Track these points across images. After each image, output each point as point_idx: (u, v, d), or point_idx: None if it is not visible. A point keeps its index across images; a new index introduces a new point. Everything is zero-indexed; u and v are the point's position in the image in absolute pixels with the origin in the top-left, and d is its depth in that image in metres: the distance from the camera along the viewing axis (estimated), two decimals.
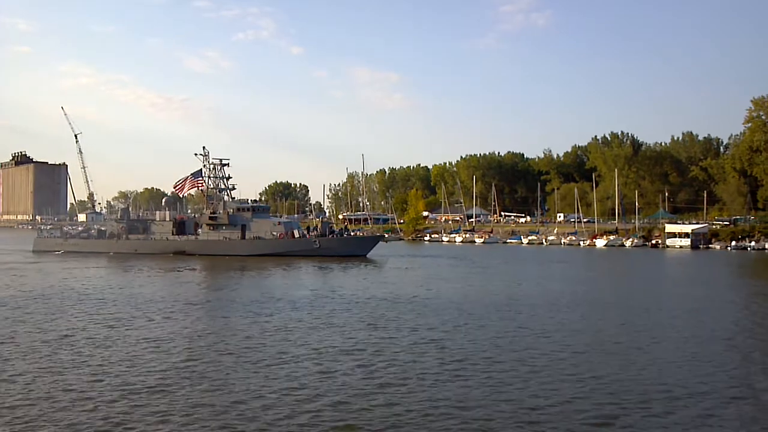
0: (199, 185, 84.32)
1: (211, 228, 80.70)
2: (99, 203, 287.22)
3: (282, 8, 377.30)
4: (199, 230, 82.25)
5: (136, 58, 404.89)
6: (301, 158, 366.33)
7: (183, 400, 16.36)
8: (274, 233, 78.73)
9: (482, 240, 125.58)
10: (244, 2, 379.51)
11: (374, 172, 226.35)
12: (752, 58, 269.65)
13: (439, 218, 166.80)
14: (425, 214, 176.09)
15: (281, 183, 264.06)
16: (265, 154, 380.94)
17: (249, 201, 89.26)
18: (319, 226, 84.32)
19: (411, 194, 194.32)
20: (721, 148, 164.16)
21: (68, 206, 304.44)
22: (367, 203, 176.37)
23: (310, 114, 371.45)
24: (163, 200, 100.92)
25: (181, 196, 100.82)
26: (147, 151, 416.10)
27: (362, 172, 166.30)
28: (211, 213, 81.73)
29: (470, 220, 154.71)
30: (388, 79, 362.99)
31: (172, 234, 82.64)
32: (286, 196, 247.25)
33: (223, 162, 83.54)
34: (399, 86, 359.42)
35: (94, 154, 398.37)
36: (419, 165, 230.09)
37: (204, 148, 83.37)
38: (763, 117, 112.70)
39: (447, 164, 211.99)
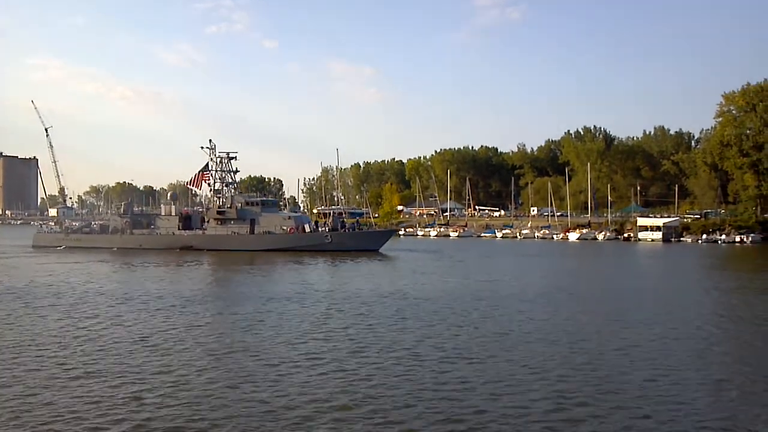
0: (206, 179, 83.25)
1: (219, 222, 79.58)
2: (70, 198, 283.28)
3: (256, 1, 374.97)
4: (206, 225, 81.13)
5: (108, 51, 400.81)
6: (276, 153, 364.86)
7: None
8: (284, 228, 77.79)
9: (457, 234, 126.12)
10: None
11: (349, 167, 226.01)
12: (723, 53, 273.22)
13: (413, 212, 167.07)
14: (400, 208, 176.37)
15: (255, 177, 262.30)
16: (239, 148, 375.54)
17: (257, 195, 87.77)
18: (331, 220, 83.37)
19: (386, 188, 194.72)
20: (693, 142, 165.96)
21: (39, 201, 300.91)
22: (342, 197, 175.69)
23: (284, 108, 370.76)
24: (168, 194, 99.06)
25: (198, 191, 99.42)
26: (119, 145, 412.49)
27: (337, 166, 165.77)
28: (218, 207, 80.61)
29: (445, 214, 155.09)
30: (362, 72, 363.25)
31: (178, 229, 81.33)
32: (260, 190, 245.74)
33: (231, 155, 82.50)
34: (373, 80, 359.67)
35: (65, 148, 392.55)
36: (394, 159, 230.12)
37: (210, 141, 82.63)
38: (734, 112, 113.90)
39: (421, 158, 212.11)
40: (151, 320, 27.20)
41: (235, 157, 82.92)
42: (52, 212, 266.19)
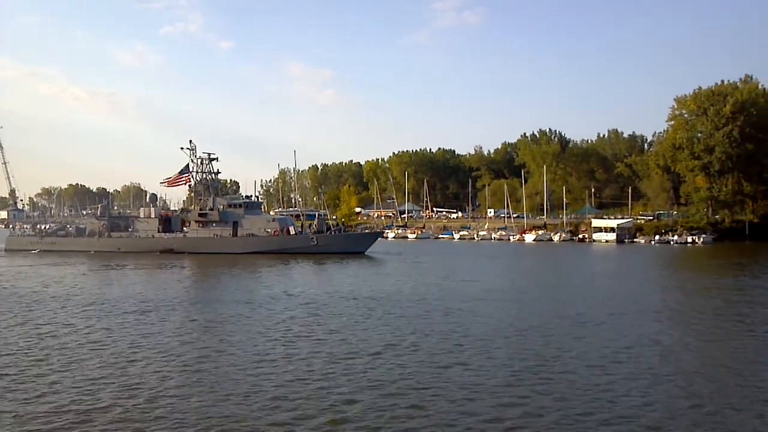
0: (186, 181, 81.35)
1: (201, 225, 77.84)
2: (21, 200, 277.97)
3: (211, 1, 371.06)
4: (187, 227, 79.35)
5: (61, 50, 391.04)
6: (232, 154, 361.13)
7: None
8: (268, 230, 76.26)
9: (415, 235, 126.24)
10: None
11: (306, 168, 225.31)
12: (675, 57, 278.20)
13: (371, 214, 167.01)
14: (358, 209, 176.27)
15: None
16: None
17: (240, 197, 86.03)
18: (316, 222, 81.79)
19: (343, 190, 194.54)
20: (645, 145, 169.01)
21: None
22: (299, 199, 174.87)
23: (241, 109, 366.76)
24: (147, 196, 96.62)
25: (168, 188, 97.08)
26: (71, 146, 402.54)
27: (294, 168, 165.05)
28: (200, 209, 78.78)
29: (402, 216, 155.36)
30: (320, 74, 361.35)
31: (158, 231, 79.27)
32: (216, 192, 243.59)
33: (212, 157, 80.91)
34: (331, 82, 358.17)
35: (16, 150, 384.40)
36: (351, 161, 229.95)
37: (191, 141, 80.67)
38: (686, 115, 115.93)
39: (379, 160, 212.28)
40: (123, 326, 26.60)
41: (216, 158, 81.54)
42: (2, 214, 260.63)
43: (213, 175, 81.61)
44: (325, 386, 17.01)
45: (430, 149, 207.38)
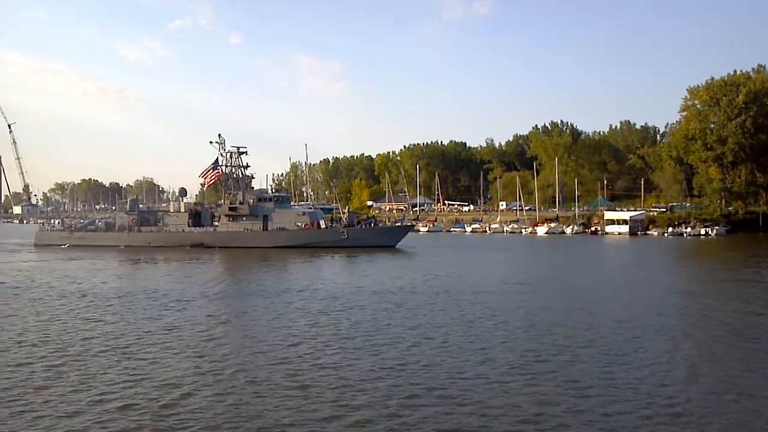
0: (216, 176, 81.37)
1: (231, 219, 78.13)
2: (35, 195, 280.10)
3: None
4: (216, 222, 79.86)
5: (71, 46, 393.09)
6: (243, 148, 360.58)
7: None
8: (299, 224, 76.42)
9: (427, 229, 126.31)
10: None
11: (318, 162, 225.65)
12: (688, 47, 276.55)
13: (383, 207, 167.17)
14: (369, 203, 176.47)
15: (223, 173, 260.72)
16: (205, 144, 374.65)
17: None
18: (346, 216, 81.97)
19: (355, 184, 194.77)
20: (658, 136, 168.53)
21: (2, 198, 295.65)
22: (311, 193, 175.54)
23: (251, 103, 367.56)
24: (177, 190, 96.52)
25: (205, 187, 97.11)
26: (83, 141, 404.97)
27: (306, 162, 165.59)
28: (230, 204, 79.05)
29: (414, 209, 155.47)
30: (330, 67, 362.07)
31: (188, 225, 79.75)
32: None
33: (241, 150, 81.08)
34: (341, 74, 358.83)
35: (29, 145, 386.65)
36: (363, 154, 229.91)
37: (219, 135, 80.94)
38: (698, 106, 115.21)
39: (390, 153, 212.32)
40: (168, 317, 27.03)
41: (246, 152, 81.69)
42: (17, 210, 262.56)
43: (243, 168, 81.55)
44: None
45: (442, 142, 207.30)
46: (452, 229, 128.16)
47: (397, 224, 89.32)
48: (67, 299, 33.03)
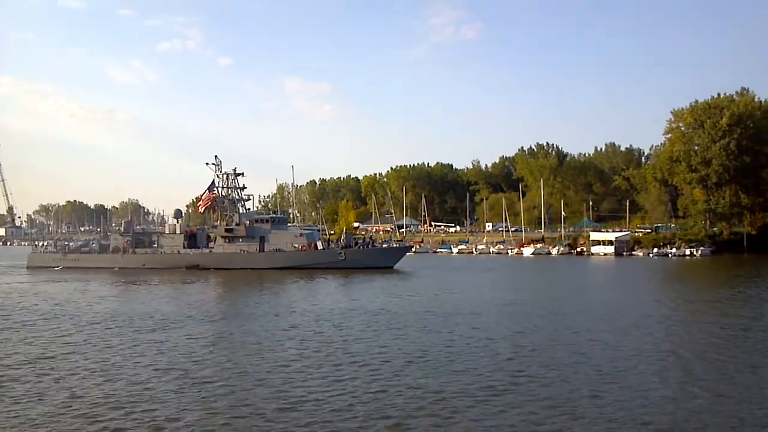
0: (212, 198, 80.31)
1: (227, 240, 77.01)
2: (19, 217, 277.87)
3: (209, 17, 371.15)
4: (212, 243, 78.93)
5: (58, 67, 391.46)
6: (231, 170, 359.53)
7: None
8: (296, 245, 75.51)
9: (414, 250, 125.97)
10: (169, 11, 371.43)
11: (305, 183, 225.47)
12: (672, 70, 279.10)
13: (369, 229, 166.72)
14: (356, 224, 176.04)
15: (200, 195, 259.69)
16: (192, 167, 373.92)
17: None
18: (343, 237, 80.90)
19: (341, 205, 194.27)
20: (643, 158, 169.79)
21: None
22: (298, 214, 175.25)
23: (239, 125, 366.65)
24: (173, 212, 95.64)
25: (201, 212, 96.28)
26: (70, 163, 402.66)
27: (292, 183, 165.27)
28: (226, 225, 78.15)
29: (401, 231, 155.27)
30: (319, 89, 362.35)
31: (183, 247, 78.53)
32: (214, 208, 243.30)
33: (237, 172, 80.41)
34: (329, 97, 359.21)
35: (15, 167, 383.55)
36: (349, 176, 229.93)
37: (216, 157, 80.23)
38: (683, 128, 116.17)
39: (377, 175, 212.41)
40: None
41: (242, 174, 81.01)
42: (0, 231, 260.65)
43: (239, 190, 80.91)
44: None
45: (428, 164, 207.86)
46: (438, 250, 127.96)
47: (395, 245, 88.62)
48: (57, 321, 32.55)
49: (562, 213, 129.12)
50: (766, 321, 32.23)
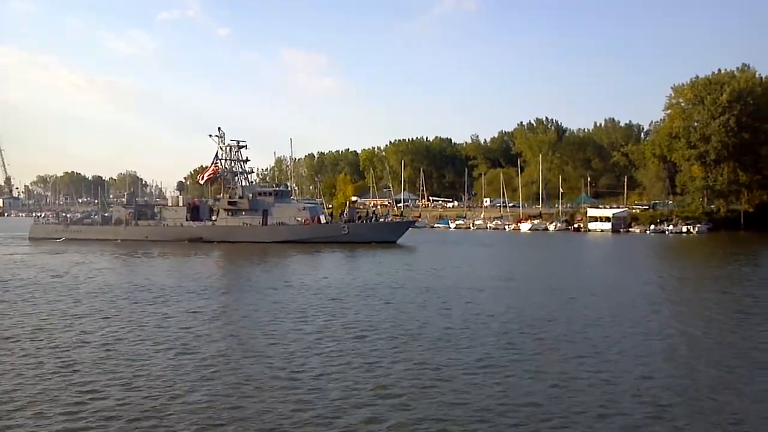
0: (215, 170, 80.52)
1: (230, 213, 77.13)
2: (17, 188, 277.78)
3: None
4: (214, 216, 79.03)
5: (58, 38, 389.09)
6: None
7: None
8: (299, 219, 75.54)
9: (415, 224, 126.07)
10: None
11: (303, 157, 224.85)
12: (673, 46, 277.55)
13: (367, 203, 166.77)
14: (354, 198, 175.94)
15: (207, 167, 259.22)
16: (191, 137, 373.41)
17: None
18: (347, 211, 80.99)
19: (340, 179, 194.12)
20: (642, 134, 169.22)
21: None
22: (296, 188, 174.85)
23: (238, 97, 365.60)
24: (175, 184, 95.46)
25: (201, 183, 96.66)
26: (69, 134, 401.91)
27: (290, 156, 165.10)
28: (229, 198, 78.13)
29: (399, 205, 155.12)
30: (317, 61, 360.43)
31: (186, 220, 78.69)
32: (212, 180, 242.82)
33: (240, 144, 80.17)
34: (328, 69, 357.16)
35: (12, 137, 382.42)
36: (348, 149, 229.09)
37: (219, 129, 79.83)
38: (683, 104, 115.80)
39: (376, 149, 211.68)
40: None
41: (246, 146, 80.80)
42: None
43: (242, 162, 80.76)
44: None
45: (427, 138, 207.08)
46: (436, 225, 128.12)
47: (390, 219, 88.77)
48: (58, 292, 32.54)
49: (560, 189, 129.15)
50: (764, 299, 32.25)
